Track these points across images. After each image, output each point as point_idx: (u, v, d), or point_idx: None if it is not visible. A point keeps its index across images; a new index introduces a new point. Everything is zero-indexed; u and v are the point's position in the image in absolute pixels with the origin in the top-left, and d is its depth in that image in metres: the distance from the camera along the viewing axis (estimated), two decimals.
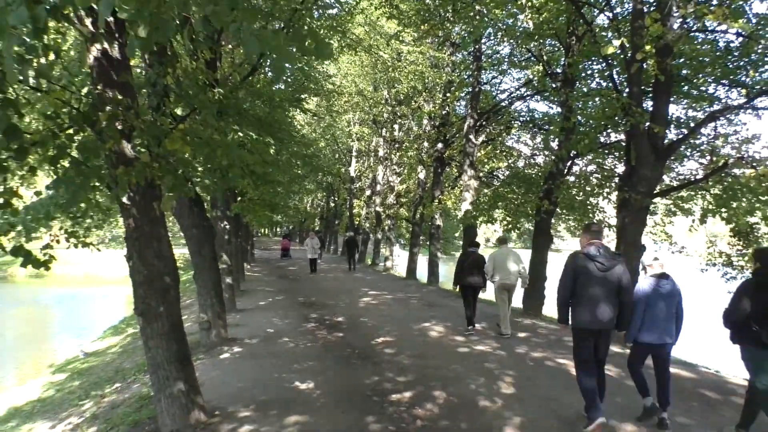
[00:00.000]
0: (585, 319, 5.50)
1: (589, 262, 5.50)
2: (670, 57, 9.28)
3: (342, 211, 42.43)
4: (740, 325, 5.04)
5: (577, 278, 5.53)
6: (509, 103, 19.59)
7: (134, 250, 4.97)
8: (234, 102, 7.73)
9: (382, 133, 28.55)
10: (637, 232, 10.03)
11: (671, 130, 12.13)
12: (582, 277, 5.50)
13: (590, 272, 5.46)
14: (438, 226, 21.61)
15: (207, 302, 9.43)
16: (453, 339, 9.86)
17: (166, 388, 5.17)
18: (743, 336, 5.05)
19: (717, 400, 6.71)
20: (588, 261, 5.51)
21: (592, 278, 5.45)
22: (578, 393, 5.72)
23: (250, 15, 2.79)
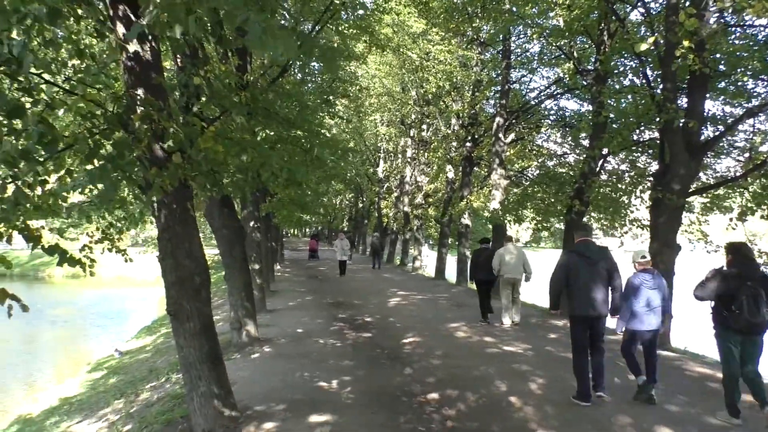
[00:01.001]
0: (578, 307, 6.24)
1: (580, 257, 6.32)
2: (706, 52, 9.04)
3: (370, 211, 42.47)
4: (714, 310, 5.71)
5: (570, 272, 6.31)
6: (539, 101, 19.36)
7: (166, 250, 5.03)
8: (263, 103, 7.78)
9: (411, 133, 28.50)
10: (672, 232, 9.80)
11: (707, 126, 11.82)
12: (574, 271, 6.28)
13: (581, 266, 6.26)
14: (467, 225, 21.46)
15: (238, 302, 9.51)
16: (482, 339, 9.78)
17: (198, 387, 5.22)
18: (716, 320, 5.71)
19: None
20: (578, 256, 6.33)
21: (582, 271, 6.23)
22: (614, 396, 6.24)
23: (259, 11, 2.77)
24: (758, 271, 5.66)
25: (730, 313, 5.48)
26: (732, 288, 5.51)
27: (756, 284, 5.45)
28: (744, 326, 5.42)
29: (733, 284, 5.53)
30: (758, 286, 5.44)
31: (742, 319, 5.39)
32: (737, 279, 5.54)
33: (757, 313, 5.36)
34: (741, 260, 5.71)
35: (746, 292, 5.40)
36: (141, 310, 25.50)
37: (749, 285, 5.43)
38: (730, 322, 5.50)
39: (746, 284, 5.45)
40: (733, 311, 5.44)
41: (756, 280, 5.49)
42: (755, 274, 5.59)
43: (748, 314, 5.36)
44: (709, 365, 8.47)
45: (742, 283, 5.47)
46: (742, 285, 5.45)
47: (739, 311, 5.40)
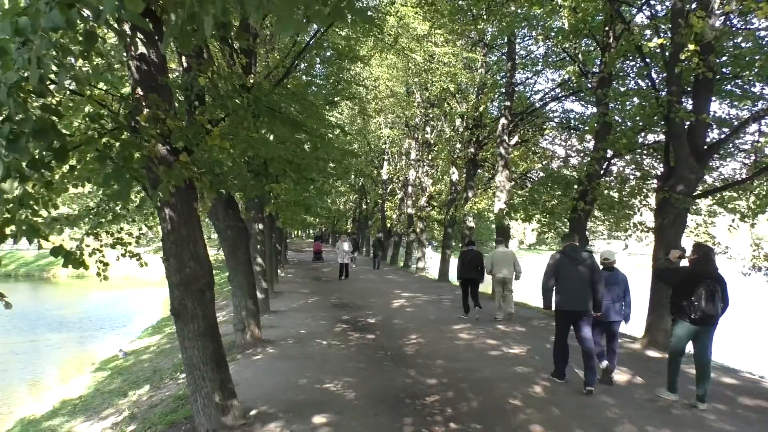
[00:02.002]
0: (564, 302, 6.97)
1: (567, 257, 7.07)
2: (712, 55, 9.01)
3: (374, 212, 42.47)
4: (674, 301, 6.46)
5: (558, 272, 7.04)
6: (543, 104, 19.33)
7: (171, 251, 5.03)
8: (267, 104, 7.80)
9: (415, 135, 28.50)
10: (677, 235, 9.76)
11: (713, 129, 11.77)
12: (561, 271, 7.02)
13: (567, 266, 7.01)
14: (471, 227, 21.44)
15: (242, 303, 9.52)
16: (485, 341, 9.76)
17: (202, 388, 5.22)
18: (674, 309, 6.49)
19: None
20: (565, 258, 7.08)
21: (568, 271, 6.97)
22: (613, 397, 6.58)
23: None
24: (716, 271, 6.36)
25: (688, 303, 6.24)
26: (691, 282, 6.26)
27: (712, 282, 6.20)
28: (699, 317, 6.18)
29: (692, 279, 6.29)
30: (714, 284, 6.19)
31: (698, 310, 6.17)
32: (697, 275, 6.31)
33: (712, 306, 6.14)
34: (703, 260, 6.44)
35: (703, 287, 6.16)
36: (146, 311, 25.54)
37: (707, 282, 6.19)
38: (687, 312, 6.27)
39: (704, 281, 6.20)
40: (692, 302, 6.19)
41: (713, 279, 6.23)
42: (713, 273, 6.31)
43: (704, 306, 6.13)
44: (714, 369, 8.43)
45: (701, 279, 6.23)
46: (701, 281, 6.21)
47: (697, 303, 6.16)
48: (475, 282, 12.35)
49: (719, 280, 6.27)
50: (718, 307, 6.18)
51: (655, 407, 6.25)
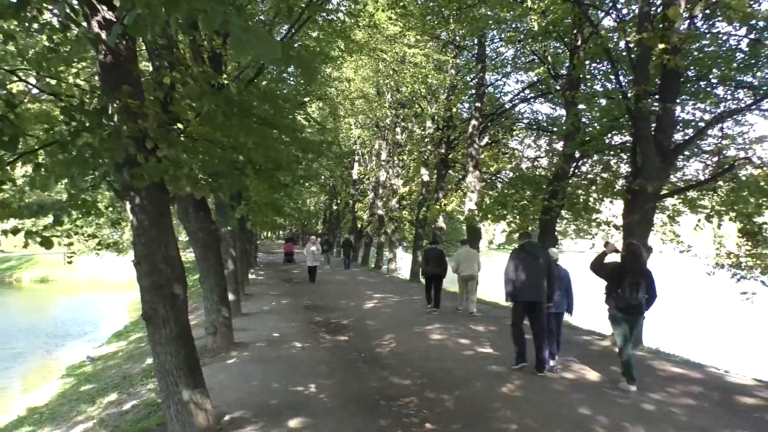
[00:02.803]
0: (521, 293, 7.64)
1: (524, 254, 7.76)
2: (679, 56, 9.22)
3: (345, 213, 42.36)
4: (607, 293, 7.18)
5: (517, 267, 7.68)
6: (513, 105, 19.54)
7: (142, 254, 4.93)
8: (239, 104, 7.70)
9: (385, 136, 28.53)
10: (644, 233, 9.95)
11: (678, 131, 12.05)
12: (519, 266, 7.66)
13: (525, 261, 7.66)
14: (441, 228, 21.54)
15: (213, 306, 9.39)
16: (458, 341, 9.81)
17: (175, 394, 5.12)
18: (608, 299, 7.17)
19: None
20: (523, 253, 7.78)
21: (525, 266, 7.63)
22: (587, 394, 6.75)
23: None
24: (642, 266, 7.17)
25: (617, 294, 7.00)
26: (620, 276, 7.02)
27: (637, 276, 6.94)
28: (625, 306, 6.95)
29: (621, 273, 7.04)
30: (639, 277, 6.93)
31: (624, 301, 6.93)
32: (624, 270, 7.06)
33: (635, 297, 6.88)
34: (631, 256, 7.18)
35: (629, 281, 6.91)
36: (113, 315, 25.02)
37: (633, 276, 6.94)
38: (616, 301, 7.02)
39: (630, 275, 6.95)
40: (619, 293, 6.97)
41: (638, 273, 6.97)
42: (639, 268, 7.08)
43: (628, 297, 6.89)
44: (681, 364, 8.63)
45: (628, 274, 6.97)
46: (627, 275, 6.96)
47: (623, 294, 6.93)
48: (438, 278, 13.26)
49: (645, 275, 7.01)
50: (642, 299, 6.90)
51: (627, 404, 6.35)
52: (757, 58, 10.77)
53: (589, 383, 7.25)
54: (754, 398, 6.73)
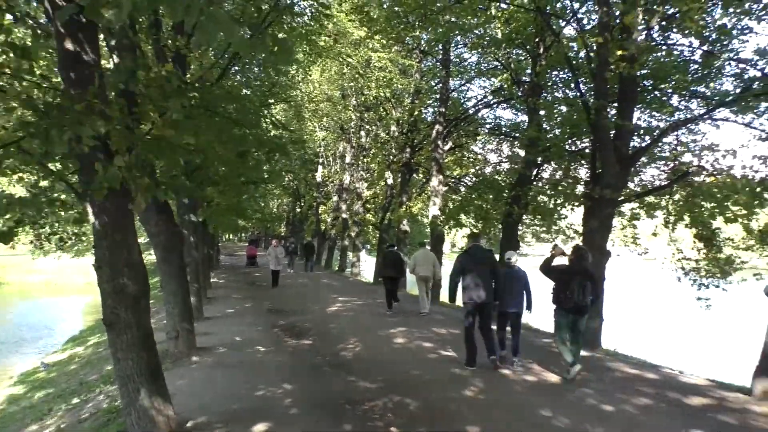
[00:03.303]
0: (469, 296, 8.01)
1: (471, 257, 8.15)
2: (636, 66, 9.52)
3: (308, 216, 42.15)
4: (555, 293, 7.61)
5: (464, 269, 8.07)
6: (477, 110, 19.79)
7: (103, 259, 4.83)
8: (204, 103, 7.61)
9: (349, 138, 28.54)
10: (603, 238, 10.23)
11: (636, 138, 12.41)
12: (466, 268, 8.05)
13: (471, 264, 8.05)
14: (405, 231, 21.64)
15: (175, 310, 9.23)
16: (421, 345, 9.87)
17: (137, 400, 5.03)
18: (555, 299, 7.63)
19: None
20: (469, 257, 8.17)
21: (472, 268, 8.01)
22: (548, 396, 6.84)
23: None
24: (588, 269, 7.59)
25: (564, 295, 7.43)
26: (567, 278, 7.45)
27: (584, 278, 7.39)
28: (572, 306, 7.40)
29: (568, 275, 7.48)
30: (586, 279, 7.38)
31: (572, 301, 7.37)
32: (572, 272, 7.50)
33: (583, 298, 7.35)
34: (578, 259, 7.62)
35: (577, 283, 7.35)
36: (69, 319, 24.32)
37: (579, 278, 7.37)
38: (564, 302, 7.46)
39: (577, 277, 7.39)
40: (567, 294, 7.38)
41: (585, 275, 7.42)
42: (586, 270, 7.52)
43: (576, 298, 7.34)
44: (638, 365, 8.88)
45: (575, 275, 7.42)
46: (574, 277, 7.39)
47: (571, 295, 7.36)
48: (395, 280, 13.95)
49: (590, 277, 7.50)
50: (587, 299, 7.40)
51: (587, 405, 6.50)
52: (709, 70, 11.19)
53: (551, 385, 7.39)
54: (707, 398, 6.95)
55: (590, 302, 7.49)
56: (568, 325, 7.59)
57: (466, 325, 8.16)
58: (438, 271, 13.61)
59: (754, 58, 10.77)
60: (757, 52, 10.68)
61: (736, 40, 10.91)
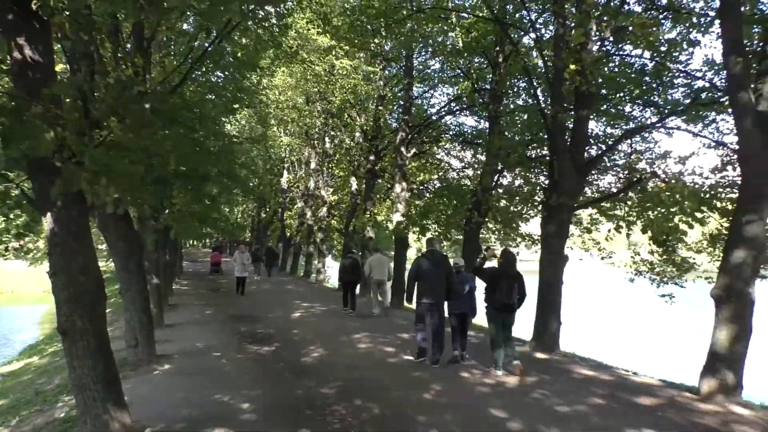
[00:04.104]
0: (424, 295, 8.72)
1: (426, 260, 8.81)
2: (590, 76, 9.81)
3: (273, 221, 41.85)
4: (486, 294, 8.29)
5: (419, 271, 8.75)
6: (440, 117, 20.02)
7: (58, 265, 4.78)
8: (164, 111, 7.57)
9: (314, 144, 28.49)
10: (560, 243, 10.48)
11: (592, 146, 12.78)
12: (422, 271, 8.71)
13: (426, 267, 8.70)
14: (370, 237, 21.69)
15: (134, 318, 9.12)
16: (384, 349, 9.96)
17: (93, 409, 4.98)
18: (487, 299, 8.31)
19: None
20: (425, 260, 8.82)
21: (427, 271, 8.67)
22: (505, 398, 6.97)
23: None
24: (515, 270, 8.28)
25: (494, 295, 8.13)
26: (497, 279, 8.15)
27: (511, 279, 8.12)
28: (501, 306, 8.12)
29: (498, 277, 8.18)
30: (513, 280, 8.12)
31: (500, 301, 8.09)
32: (501, 274, 8.20)
33: (510, 297, 8.07)
34: (507, 262, 8.33)
35: (504, 284, 8.07)
36: (26, 329, 23.64)
37: (507, 279, 8.10)
38: (494, 302, 8.17)
39: (505, 278, 8.11)
40: (497, 294, 8.09)
41: (512, 276, 8.15)
42: (513, 272, 8.23)
43: (504, 298, 8.06)
44: (594, 367, 9.13)
45: (503, 277, 8.13)
46: (503, 278, 8.12)
47: (500, 295, 8.07)
48: (353, 283, 15.26)
49: (517, 278, 8.21)
50: (514, 299, 8.13)
51: (542, 407, 6.67)
52: (660, 80, 11.60)
53: (508, 388, 7.54)
54: (657, 398, 7.20)
55: (518, 301, 8.22)
56: (500, 322, 8.24)
57: (418, 322, 8.92)
58: (391, 274, 14.79)
59: (702, 69, 11.26)
60: (705, 63, 11.18)
61: (684, 53, 11.34)
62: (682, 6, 11.04)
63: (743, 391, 7.06)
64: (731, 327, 6.95)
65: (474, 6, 12.67)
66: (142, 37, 10.50)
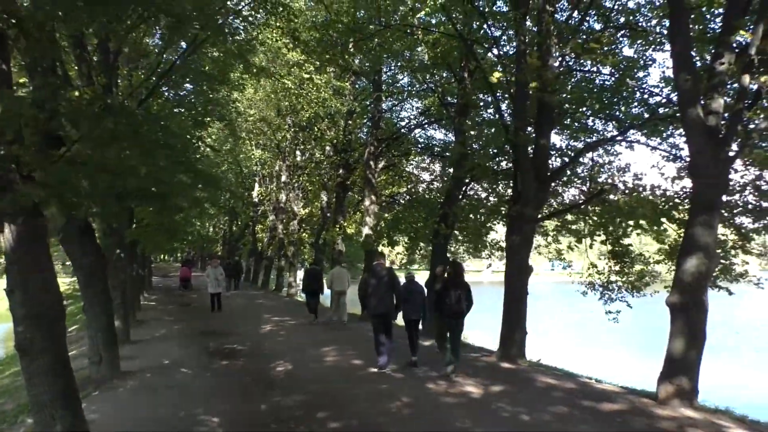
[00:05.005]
0: (373, 308, 9.30)
1: (373, 274, 9.47)
2: (553, 92, 10.08)
3: (244, 235, 41.54)
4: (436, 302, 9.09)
5: (368, 284, 9.47)
6: (408, 130, 20.22)
7: (15, 283, 4.74)
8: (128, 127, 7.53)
9: (285, 158, 28.47)
10: (526, 253, 10.66)
11: (555, 158, 13.06)
12: (371, 283, 9.36)
13: (375, 280, 9.30)
14: (340, 251, 21.71)
15: (98, 335, 8.99)
16: (351, 362, 9.97)
17: (52, 427, 4.91)
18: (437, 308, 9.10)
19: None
20: (374, 273, 9.47)
21: (376, 284, 9.26)
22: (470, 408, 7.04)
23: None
24: (462, 280, 9.06)
25: (444, 304, 8.82)
26: (446, 289, 8.90)
27: (459, 288, 8.83)
28: (450, 312, 8.81)
29: (447, 287, 8.94)
30: (460, 289, 8.82)
31: (449, 308, 8.78)
32: (450, 284, 8.97)
33: (458, 305, 8.75)
34: (455, 273, 9.16)
35: (452, 292, 8.77)
36: None
37: (455, 288, 8.81)
38: (444, 309, 8.87)
39: (453, 288, 8.83)
40: (447, 303, 8.78)
41: (459, 286, 8.86)
42: (460, 281, 8.99)
43: (453, 305, 8.75)
44: (558, 376, 9.30)
45: (452, 286, 8.87)
46: (451, 288, 8.84)
47: (449, 304, 8.76)
48: (316, 293, 16.09)
49: (465, 288, 8.91)
50: (462, 306, 8.81)
51: (505, 416, 6.76)
52: (620, 95, 11.96)
53: (474, 398, 7.62)
54: (618, 404, 7.37)
55: (466, 308, 8.89)
56: (449, 329, 8.95)
57: (375, 333, 9.33)
58: (348, 284, 15.38)
59: (660, 84, 11.65)
60: (662, 79, 11.57)
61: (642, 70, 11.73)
62: (639, 24, 11.44)
63: (699, 395, 7.29)
64: (686, 334, 7.17)
65: (439, 23, 12.88)
66: (108, 50, 10.45)
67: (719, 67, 7.24)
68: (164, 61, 12.44)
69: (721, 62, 7.22)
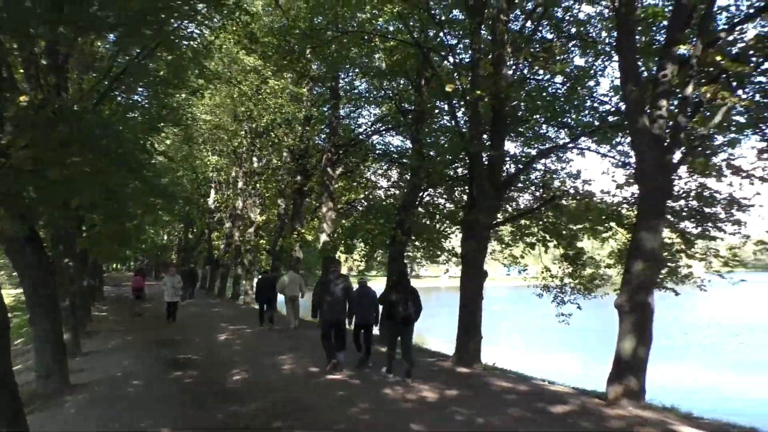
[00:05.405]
0: (326, 314, 9.59)
1: (329, 281, 9.79)
2: (507, 100, 10.30)
3: (200, 242, 40.80)
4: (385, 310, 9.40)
5: (322, 291, 9.68)
6: (366, 136, 20.28)
7: None
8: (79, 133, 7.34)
9: (242, 164, 28.17)
10: (480, 259, 10.83)
11: (510, 165, 13.31)
12: (325, 291, 9.64)
13: (329, 288, 9.64)
14: (298, 258, 21.58)
15: (45, 347, 8.70)
16: (308, 370, 9.90)
17: None
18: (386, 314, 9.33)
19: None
20: (328, 281, 9.82)
21: (329, 291, 9.58)
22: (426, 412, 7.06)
23: None
24: (409, 288, 9.38)
25: (393, 310, 9.11)
26: (394, 296, 9.24)
27: (407, 294, 9.17)
28: (399, 319, 9.09)
29: (395, 293, 9.28)
30: (408, 296, 9.15)
31: (398, 314, 9.06)
32: (397, 292, 9.29)
33: (405, 311, 9.05)
34: (401, 281, 9.55)
35: (401, 299, 9.10)
36: None
37: (402, 295, 9.14)
38: (393, 316, 9.14)
39: (401, 295, 9.15)
40: (396, 309, 9.07)
41: (407, 292, 9.21)
42: (407, 289, 9.32)
43: (401, 311, 9.04)
44: (512, 379, 9.48)
45: (400, 294, 9.20)
46: (399, 295, 9.17)
47: (398, 310, 9.07)
48: (270, 300, 16.11)
49: (412, 293, 9.28)
50: (410, 312, 9.10)
51: (460, 420, 6.86)
52: (572, 103, 12.30)
53: (429, 402, 7.70)
54: (569, 405, 7.57)
55: (414, 314, 9.19)
56: (398, 334, 9.30)
57: (323, 337, 9.71)
58: (304, 291, 15.70)
59: (609, 93, 12.03)
60: (611, 88, 11.96)
61: (592, 79, 12.10)
62: (589, 35, 11.81)
63: (646, 394, 7.55)
64: (633, 335, 7.43)
65: (397, 30, 13.00)
66: (57, 53, 10.16)
67: (663, 78, 7.56)
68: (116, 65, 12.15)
69: (665, 73, 7.53)
